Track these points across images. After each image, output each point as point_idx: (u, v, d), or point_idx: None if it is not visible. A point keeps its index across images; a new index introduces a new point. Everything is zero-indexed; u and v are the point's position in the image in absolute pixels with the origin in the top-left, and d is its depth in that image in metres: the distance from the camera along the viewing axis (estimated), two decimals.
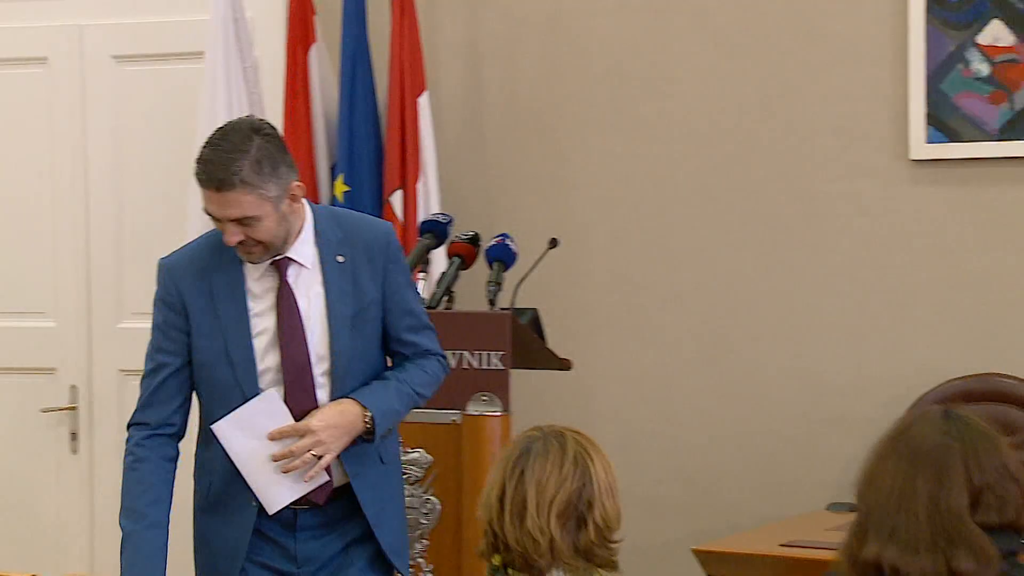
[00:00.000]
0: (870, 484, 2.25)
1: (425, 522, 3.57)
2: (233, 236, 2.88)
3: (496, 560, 2.48)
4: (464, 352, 3.55)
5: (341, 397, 2.96)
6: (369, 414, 2.96)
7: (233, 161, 2.82)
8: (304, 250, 2.97)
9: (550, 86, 4.87)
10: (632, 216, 4.79)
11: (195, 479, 3.06)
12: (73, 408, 5.36)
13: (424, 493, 3.57)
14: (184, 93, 5.05)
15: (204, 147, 2.87)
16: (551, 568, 2.42)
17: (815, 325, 4.62)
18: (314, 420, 2.91)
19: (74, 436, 5.35)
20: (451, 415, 3.55)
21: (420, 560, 3.57)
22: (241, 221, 2.86)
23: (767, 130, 4.66)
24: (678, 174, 4.76)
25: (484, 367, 3.53)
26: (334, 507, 2.99)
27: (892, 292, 4.56)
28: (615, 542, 2.48)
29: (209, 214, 2.89)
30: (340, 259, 2.98)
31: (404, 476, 3.58)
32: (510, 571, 2.46)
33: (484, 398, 3.53)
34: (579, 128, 4.85)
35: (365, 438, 2.97)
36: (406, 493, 3.56)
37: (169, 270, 3.02)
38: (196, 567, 3.08)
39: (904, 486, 2.19)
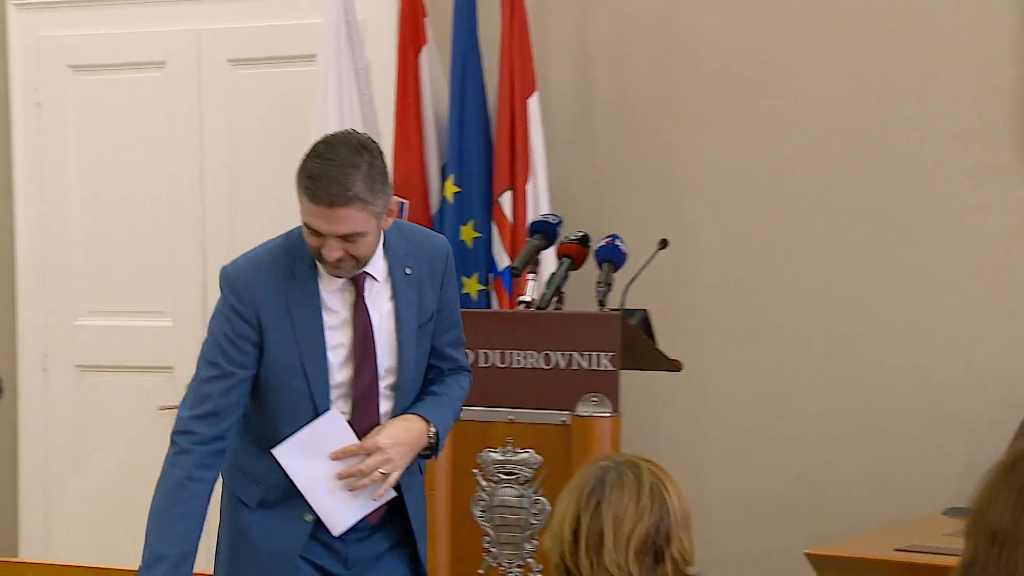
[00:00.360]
0: (978, 519, 2.12)
1: (535, 522, 3.57)
2: (334, 252, 2.79)
3: None
4: (573, 353, 3.53)
5: (402, 412, 2.93)
6: (434, 430, 2.94)
7: (347, 176, 2.73)
8: (377, 264, 2.92)
9: (660, 86, 4.83)
10: (743, 216, 4.74)
11: (235, 480, 2.99)
12: None
13: (534, 493, 3.57)
14: (298, 95, 5.10)
15: (311, 161, 2.77)
16: None
17: (931, 324, 4.53)
18: (381, 437, 2.87)
19: None
20: (561, 416, 3.54)
21: (530, 560, 3.57)
22: (346, 237, 2.78)
23: (882, 129, 4.59)
24: (790, 174, 4.70)
25: (593, 368, 3.52)
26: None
27: (1010, 292, 4.46)
28: (691, 574, 2.41)
29: (310, 228, 2.80)
30: (408, 272, 2.94)
31: (514, 476, 3.58)
32: None
33: (594, 399, 3.51)
34: (689, 128, 4.81)
35: (425, 454, 2.96)
36: (516, 493, 3.55)
37: (244, 281, 2.89)
38: (229, 550, 3.00)
39: (1013, 528, 2.06)
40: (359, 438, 2.87)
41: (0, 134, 5.63)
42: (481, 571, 3.58)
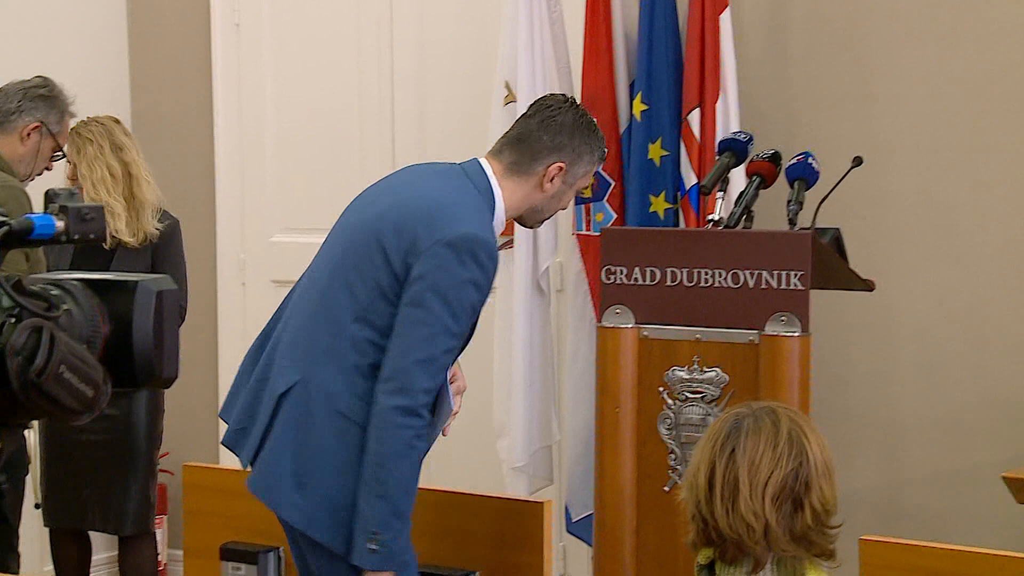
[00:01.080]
0: None
1: None
2: None
3: (703, 558, 2.40)
4: (763, 272, 3.48)
5: None
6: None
7: None
8: None
9: None
10: (939, 132, 4.59)
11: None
12: None
13: (720, 413, 3.53)
14: (487, 9, 5.08)
15: (602, 138, 3.18)
16: (764, 557, 2.30)
17: None
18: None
19: None
20: (749, 335, 3.49)
21: None
22: None
23: None
24: (988, 88, 4.52)
25: (783, 287, 3.46)
26: None
27: None
28: (833, 528, 2.33)
29: (581, 189, 3.16)
30: None
31: (700, 395, 3.55)
32: (718, 566, 2.37)
33: (783, 318, 3.46)
34: (885, 41, 4.65)
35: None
36: (702, 412, 3.53)
37: (495, 255, 2.97)
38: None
39: None
40: None
41: (201, 55, 5.75)
42: (666, 488, 3.57)
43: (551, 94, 3.28)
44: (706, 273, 3.55)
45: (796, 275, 3.45)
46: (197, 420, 5.75)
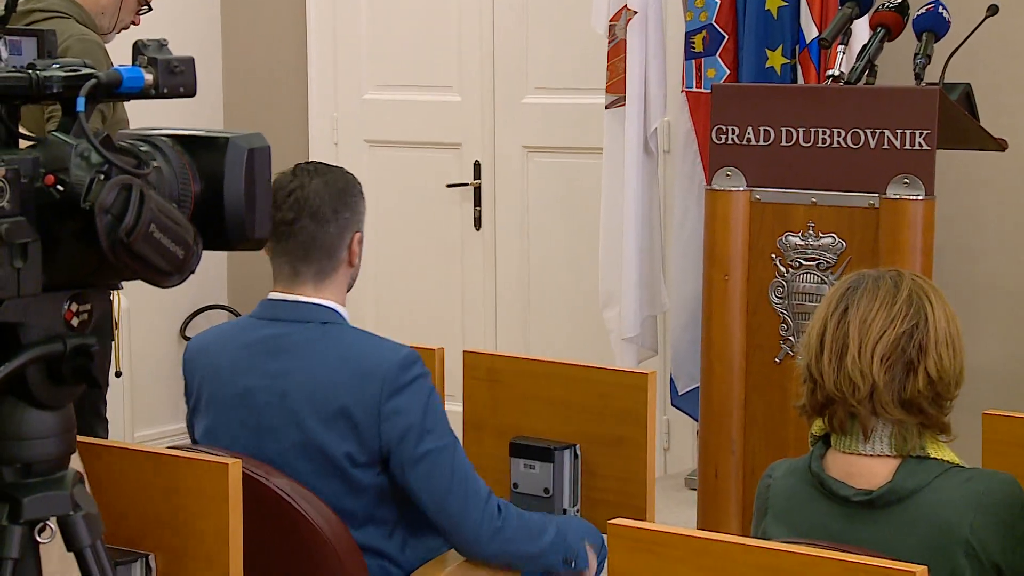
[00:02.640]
0: None
1: None
2: None
3: (817, 429, 2.39)
4: (885, 131, 3.43)
5: None
6: None
7: None
8: None
9: None
10: None
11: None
12: (477, 183, 5.54)
13: (835, 280, 3.51)
14: None
15: None
16: (870, 422, 2.28)
17: None
18: None
19: (478, 211, 5.55)
20: (868, 198, 3.45)
21: None
22: None
23: None
24: None
25: (907, 147, 3.41)
26: None
27: None
28: (949, 398, 2.30)
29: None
30: None
31: (815, 262, 3.53)
32: (833, 437, 2.36)
33: (906, 180, 3.42)
34: None
35: None
36: (817, 280, 3.51)
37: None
38: None
39: None
40: None
41: None
42: (777, 359, 3.57)
43: (283, 178, 2.96)
44: (824, 132, 3.51)
45: (921, 134, 3.39)
46: None
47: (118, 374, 4.54)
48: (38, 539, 1.74)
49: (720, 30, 4.66)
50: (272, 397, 2.91)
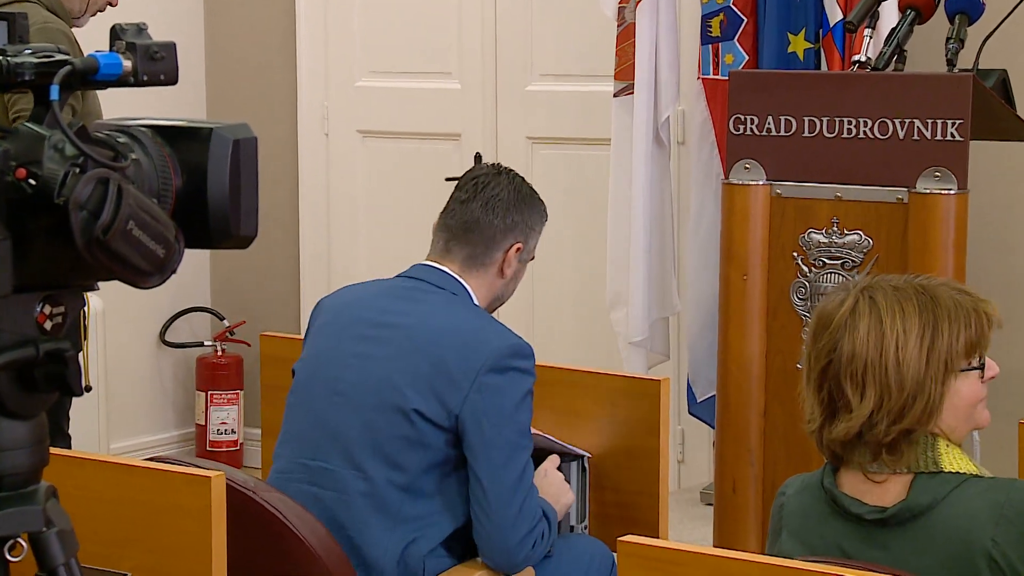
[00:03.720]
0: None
1: None
2: None
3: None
4: (915, 120, 3.43)
5: None
6: None
7: None
8: None
9: None
10: None
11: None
12: None
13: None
14: None
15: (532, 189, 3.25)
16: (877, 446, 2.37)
17: None
18: None
19: None
20: (897, 192, 3.46)
21: None
22: None
23: None
24: None
25: (938, 138, 3.41)
26: None
27: None
28: (914, 426, 2.38)
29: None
30: None
31: (839, 261, 3.54)
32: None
33: (937, 174, 3.42)
34: None
35: None
36: (842, 280, 3.52)
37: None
38: None
39: None
40: None
41: None
42: (799, 365, 3.57)
43: (478, 167, 3.31)
44: (849, 122, 3.51)
45: (954, 124, 3.40)
46: (275, 284, 5.84)
47: (88, 388, 4.54)
48: (8, 557, 1.74)
49: (738, 12, 4.67)
50: (380, 330, 3.07)
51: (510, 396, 2.98)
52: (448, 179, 5.46)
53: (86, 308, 4.36)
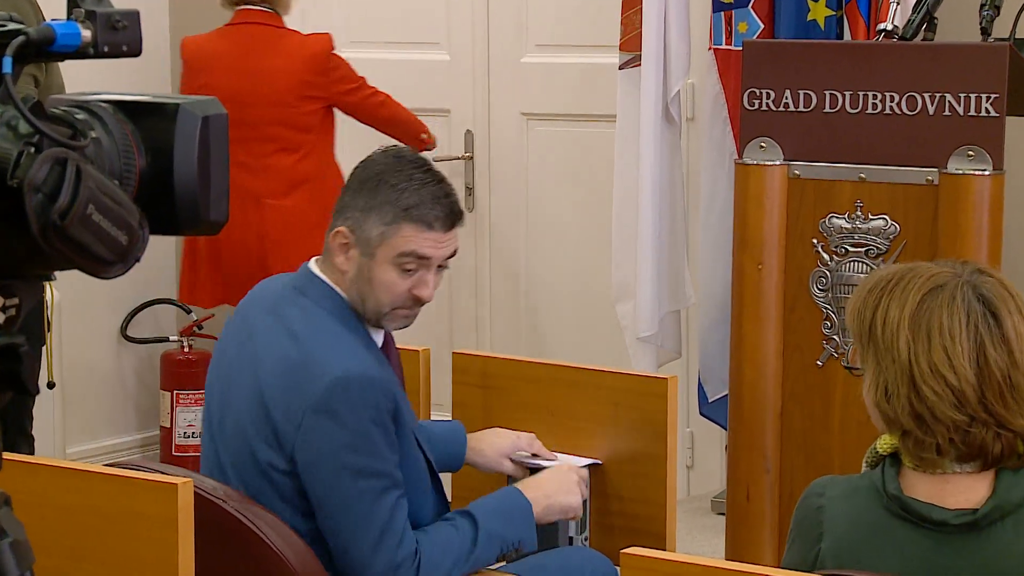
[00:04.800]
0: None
1: None
2: (433, 286, 2.98)
3: (885, 446, 2.43)
4: (946, 95, 3.44)
5: None
6: None
7: (454, 194, 3.01)
8: None
9: None
10: None
11: None
12: (468, 156, 5.55)
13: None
14: None
15: (427, 185, 2.94)
16: (988, 443, 2.37)
17: None
18: None
19: (469, 189, 5.56)
20: (926, 174, 3.47)
21: None
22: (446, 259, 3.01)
23: None
24: None
25: (971, 114, 3.42)
26: None
27: None
28: None
29: (415, 258, 2.92)
30: None
31: (863, 249, 3.54)
32: (907, 457, 2.41)
33: (970, 153, 3.43)
34: None
35: None
36: (865, 269, 3.53)
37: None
38: None
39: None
40: None
41: None
42: (819, 362, 3.59)
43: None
44: (874, 97, 3.52)
45: (988, 99, 3.40)
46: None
47: (51, 385, 4.54)
48: None
49: None
50: (241, 360, 3.01)
51: (338, 438, 2.87)
52: (436, 159, 5.48)
53: (48, 298, 4.37)
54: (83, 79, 2.71)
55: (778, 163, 3.60)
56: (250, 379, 2.97)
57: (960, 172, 3.44)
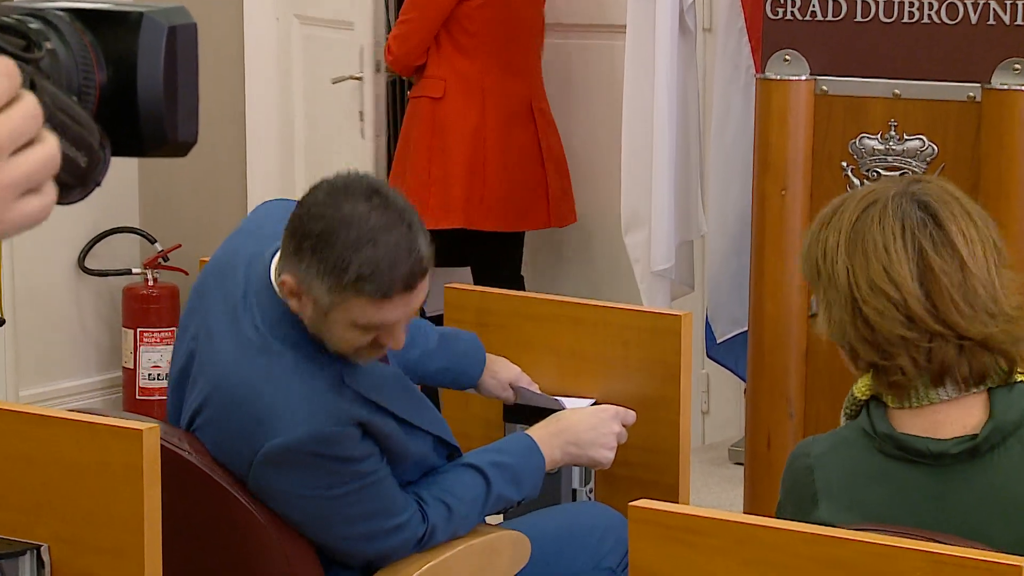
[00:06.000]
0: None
1: None
2: (404, 334, 2.90)
3: (862, 390, 2.46)
4: (991, 1, 3.44)
5: None
6: None
7: (418, 239, 2.82)
8: None
9: None
10: None
11: None
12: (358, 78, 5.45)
13: None
14: None
15: (381, 236, 2.77)
16: (954, 364, 2.40)
17: None
18: None
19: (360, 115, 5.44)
20: (967, 89, 3.47)
21: None
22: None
23: None
24: None
25: (1019, 23, 3.43)
26: None
27: None
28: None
29: (370, 326, 2.83)
30: None
31: (899, 172, 3.55)
32: (889, 397, 2.43)
33: (1016, 66, 3.43)
34: None
35: None
36: None
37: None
38: None
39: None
40: None
41: None
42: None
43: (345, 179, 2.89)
44: (911, 4, 3.52)
45: None
46: (217, 199, 5.85)
47: (1, 321, 4.56)
48: None
49: None
50: (201, 369, 2.99)
51: (293, 492, 2.90)
52: (335, 81, 5.40)
53: None
54: None
55: (804, 78, 3.61)
56: (213, 405, 2.95)
57: (1005, 87, 3.44)
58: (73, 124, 1.57)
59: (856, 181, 3.59)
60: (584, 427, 3.12)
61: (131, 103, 1.63)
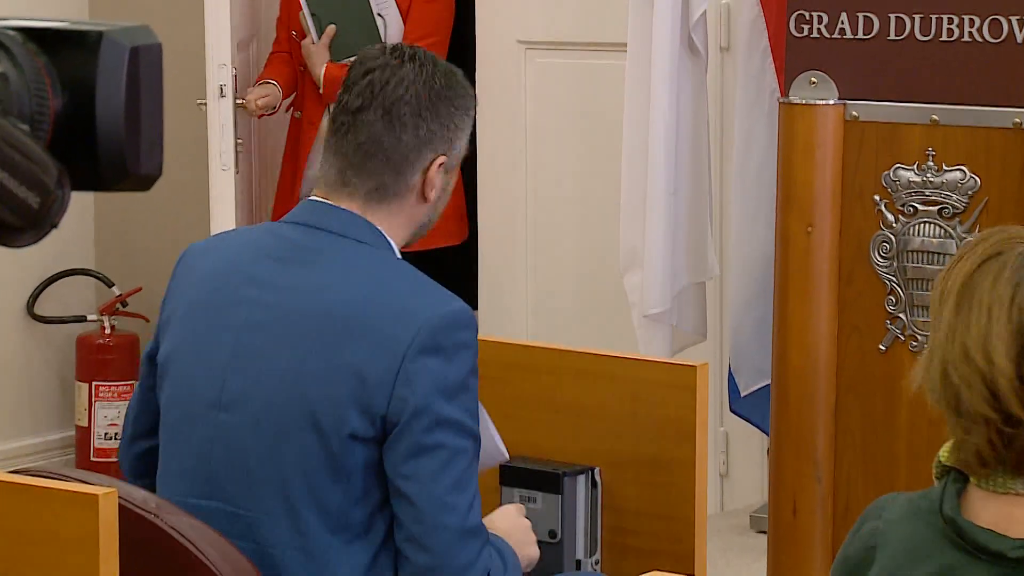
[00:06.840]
0: None
1: None
2: None
3: (948, 456, 2.43)
4: None
5: None
6: None
7: None
8: None
9: None
10: None
11: None
12: None
13: (965, 233, 3.54)
14: None
15: (437, 64, 3.07)
16: None
17: None
18: None
19: None
20: (1013, 115, 3.48)
21: None
22: None
23: None
24: None
25: None
26: None
27: None
28: None
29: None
30: None
31: (936, 207, 3.55)
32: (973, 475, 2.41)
33: None
34: None
35: None
36: (939, 232, 3.54)
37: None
38: None
39: None
40: None
41: None
42: (882, 347, 3.60)
43: (371, 54, 3.10)
44: (950, 21, 3.52)
45: None
46: (180, 239, 5.84)
47: None
48: None
49: None
50: (265, 315, 3.00)
51: (448, 382, 2.94)
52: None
53: None
54: None
55: (832, 102, 3.61)
56: (304, 338, 2.99)
57: None
58: (24, 160, 1.55)
59: (890, 217, 3.58)
60: (506, 529, 3.13)
61: (89, 132, 1.62)
